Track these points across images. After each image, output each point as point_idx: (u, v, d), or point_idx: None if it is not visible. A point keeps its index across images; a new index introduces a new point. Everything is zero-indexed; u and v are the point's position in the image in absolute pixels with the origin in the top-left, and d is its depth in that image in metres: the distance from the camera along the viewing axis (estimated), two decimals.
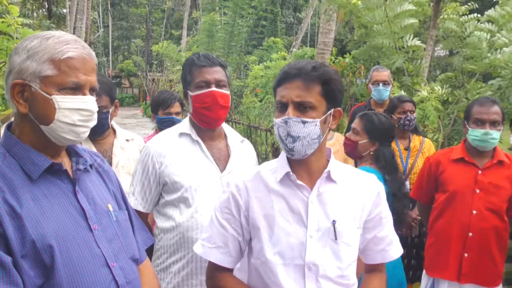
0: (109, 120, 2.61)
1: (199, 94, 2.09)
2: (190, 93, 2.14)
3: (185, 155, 2.10)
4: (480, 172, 2.80)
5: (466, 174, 2.82)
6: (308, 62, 1.55)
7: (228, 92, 2.15)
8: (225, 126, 2.29)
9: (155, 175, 2.09)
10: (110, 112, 2.59)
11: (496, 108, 2.76)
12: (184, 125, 2.20)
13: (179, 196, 2.06)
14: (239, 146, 2.27)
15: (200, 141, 2.14)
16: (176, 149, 2.11)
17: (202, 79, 2.09)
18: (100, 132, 2.58)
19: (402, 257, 3.48)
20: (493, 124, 2.74)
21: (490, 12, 5.36)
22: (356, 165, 3.43)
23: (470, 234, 2.74)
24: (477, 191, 2.77)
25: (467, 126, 2.84)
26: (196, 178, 2.07)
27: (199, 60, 2.11)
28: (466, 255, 2.75)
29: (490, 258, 2.75)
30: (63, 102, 1.30)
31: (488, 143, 2.77)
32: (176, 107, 3.53)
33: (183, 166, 2.08)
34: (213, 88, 2.08)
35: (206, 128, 2.16)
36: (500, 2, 5.39)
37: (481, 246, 2.74)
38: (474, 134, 2.78)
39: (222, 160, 2.17)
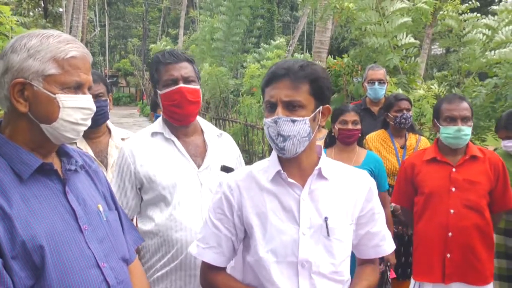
0: (108, 110, 2.56)
1: (167, 91, 2.07)
2: (159, 91, 2.11)
3: (159, 154, 2.09)
4: (454, 170, 2.76)
5: (439, 173, 2.78)
6: (296, 61, 1.55)
7: (197, 87, 2.12)
8: (201, 121, 2.27)
9: (130, 175, 2.09)
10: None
11: (465, 104, 2.73)
12: (157, 124, 2.20)
13: (157, 195, 2.06)
14: (216, 140, 2.24)
15: (173, 138, 2.13)
16: (150, 149, 2.10)
17: (169, 77, 2.07)
18: (101, 122, 2.53)
19: (400, 254, 3.53)
20: (464, 120, 2.70)
21: (487, 20, 5.37)
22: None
23: (450, 234, 2.70)
24: (453, 189, 2.73)
25: (438, 124, 2.79)
26: (173, 176, 2.06)
27: (165, 58, 2.09)
28: (448, 255, 2.71)
29: (474, 256, 2.70)
30: (67, 101, 1.30)
31: (461, 140, 2.72)
32: None
33: (158, 165, 2.07)
34: (181, 85, 2.06)
35: (179, 125, 2.14)
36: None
37: (463, 245, 2.69)
38: (447, 131, 2.72)
39: (199, 156, 2.15)
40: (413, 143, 3.69)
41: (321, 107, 1.57)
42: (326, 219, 1.56)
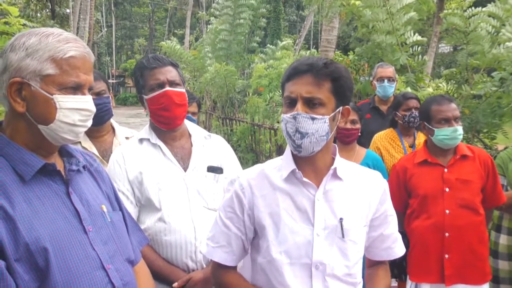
0: (111, 106, 2.55)
1: (153, 95, 2.08)
2: (145, 96, 2.11)
3: (146, 160, 2.10)
4: (446, 170, 2.74)
5: (432, 175, 2.76)
6: (319, 58, 1.52)
7: (183, 90, 2.13)
8: (189, 124, 2.27)
9: (123, 181, 2.09)
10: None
11: (454, 105, 2.75)
12: (144, 130, 2.21)
13: (145, 199, 2.06)
14: (203, 142, 2.23)
15: (160, 143, 2.13)
16: (137, 155, 2.11)
17: (155, 81, 2.07)
18: (106, 119, 2.52)
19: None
20: (457, 120, 2.71)
21: (492, 8, 5.30)
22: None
23: (447, 234, 2.67)
24: (447, 189, 2.71)
25: (431, 127, 2.76)
26: (159, 181, 2.06)
27: (149, 63, 2.09)
28: (446, 256, 2.68)
29: (474, 255, 2.68)
30: (64, 102, 1.27)
31: (457, 140, 2.73)
32: (193, 107, 3.52)
33: (145, 170, 2.07)
34: (167, 88, 2.06)
35: (166, 129, 2.14)
36: None
37: (460, 245, 2.67)
38: (443, 133, 2.70)
39: (187, 159, 2.15)
40: (422, 142, 3.64)
41: (341, 108, 1.54)
42: (341, 220, 1.53)
